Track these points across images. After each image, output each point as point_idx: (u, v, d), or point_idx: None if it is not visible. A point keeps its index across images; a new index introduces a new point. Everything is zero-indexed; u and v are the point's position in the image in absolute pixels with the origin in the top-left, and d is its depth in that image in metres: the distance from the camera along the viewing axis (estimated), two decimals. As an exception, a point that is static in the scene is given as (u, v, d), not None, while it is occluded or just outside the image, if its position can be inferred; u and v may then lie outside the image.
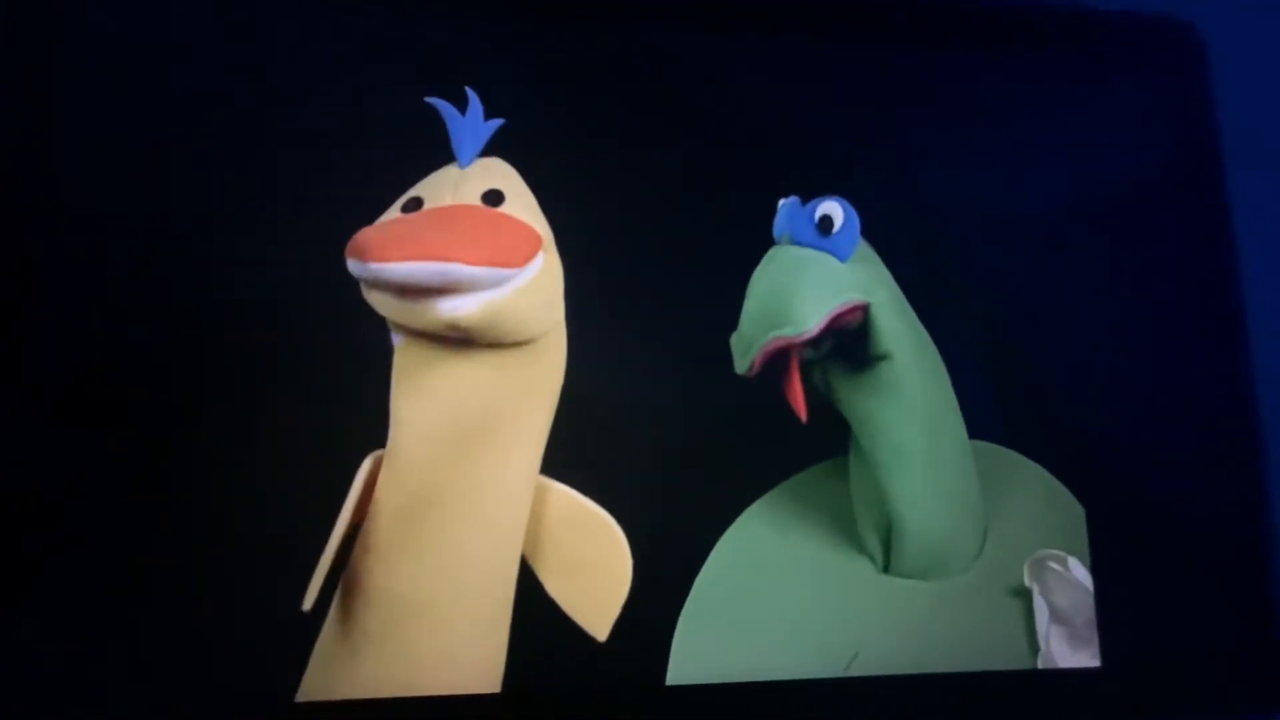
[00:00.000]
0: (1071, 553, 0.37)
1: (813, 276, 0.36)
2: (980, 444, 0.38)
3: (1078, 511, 0.38)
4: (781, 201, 0.38)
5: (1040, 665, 0.35)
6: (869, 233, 0.37)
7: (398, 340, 0.33)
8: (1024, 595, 0.37)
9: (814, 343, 0.35)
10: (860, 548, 0.37)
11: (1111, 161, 0.41)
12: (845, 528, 0.37)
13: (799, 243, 0.37)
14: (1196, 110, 0.41)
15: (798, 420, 0.36)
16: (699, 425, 0.36)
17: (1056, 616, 0.36)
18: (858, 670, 0.35)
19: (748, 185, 0.38)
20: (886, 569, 0.37)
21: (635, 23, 0.39)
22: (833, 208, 0.36)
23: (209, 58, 0.36)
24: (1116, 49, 0.42)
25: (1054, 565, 0.37)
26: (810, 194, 0.37)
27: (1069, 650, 0.36)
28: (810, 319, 0.34)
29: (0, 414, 0.32)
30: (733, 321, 0.36)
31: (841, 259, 0.36)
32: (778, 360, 0.35)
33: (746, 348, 0.35)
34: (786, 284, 0.35)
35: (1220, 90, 0.41)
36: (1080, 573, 0.37)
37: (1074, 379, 0.39)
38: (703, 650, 0.34)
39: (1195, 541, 0.37)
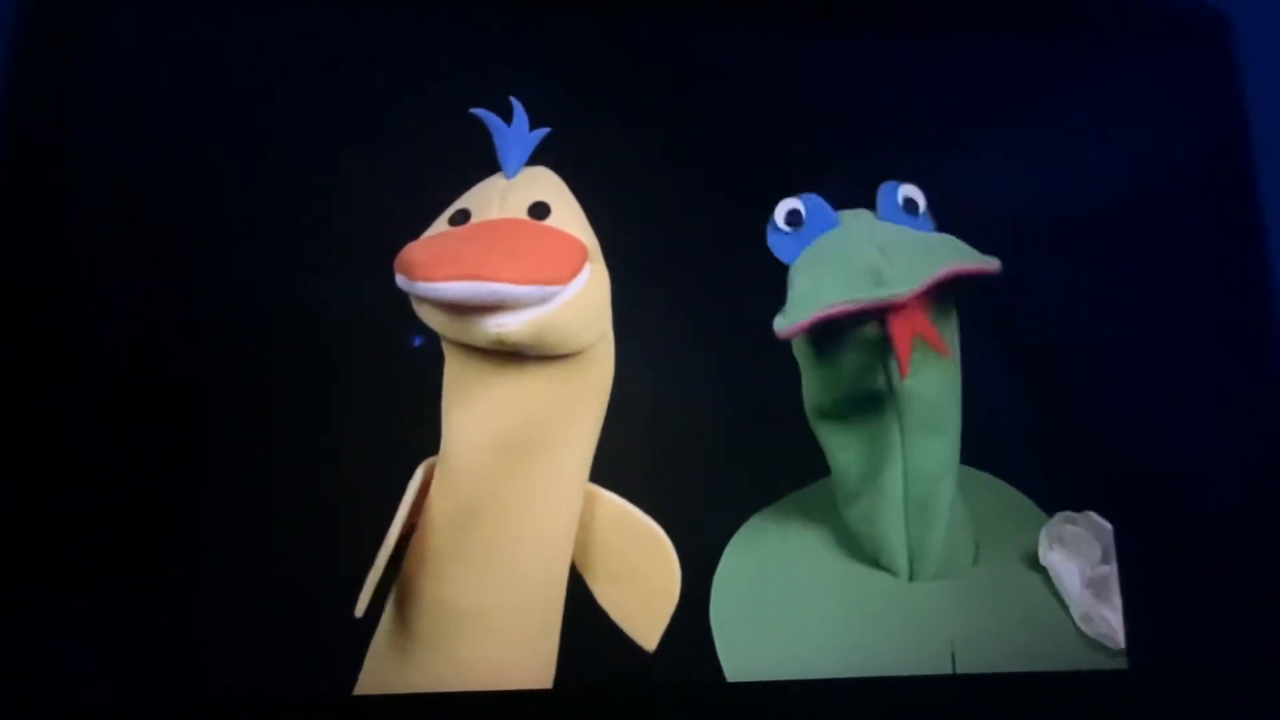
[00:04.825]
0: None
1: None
2: None
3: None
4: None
5: (1079, 622, 0.36)
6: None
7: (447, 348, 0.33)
8: (1038, 569, 0.37)
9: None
10: (870, 563, 0.37)
11: (1137, 152, 0.40)
12: (847, 545, 0.38)
13: (887, 220, 0.37)
14: (1224, 98, 0.40)
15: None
16: (747, 429, 0.36)
17: (1085, 574, 0.36)
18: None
19: (783, 186, 0.38)
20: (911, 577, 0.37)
21: (668, 23, 0.39)
22: (913, 190, 0.37)
23: (265, 73, 0.36)
24: (1141, 36, 0.41)
25: (1070, 527, 0.37)
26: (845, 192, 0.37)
27: (1097, 601, 0.36)
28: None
29: (81, 422, 0.33)
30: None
31: None
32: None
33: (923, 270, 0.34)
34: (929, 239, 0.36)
35: (1248, 78, 0.40)
36: (1094, 524, 0.37)
37: (1098, 379, 0.39)
38: (758, 655, 0.35)
39: (1225, 544, 0.37)
